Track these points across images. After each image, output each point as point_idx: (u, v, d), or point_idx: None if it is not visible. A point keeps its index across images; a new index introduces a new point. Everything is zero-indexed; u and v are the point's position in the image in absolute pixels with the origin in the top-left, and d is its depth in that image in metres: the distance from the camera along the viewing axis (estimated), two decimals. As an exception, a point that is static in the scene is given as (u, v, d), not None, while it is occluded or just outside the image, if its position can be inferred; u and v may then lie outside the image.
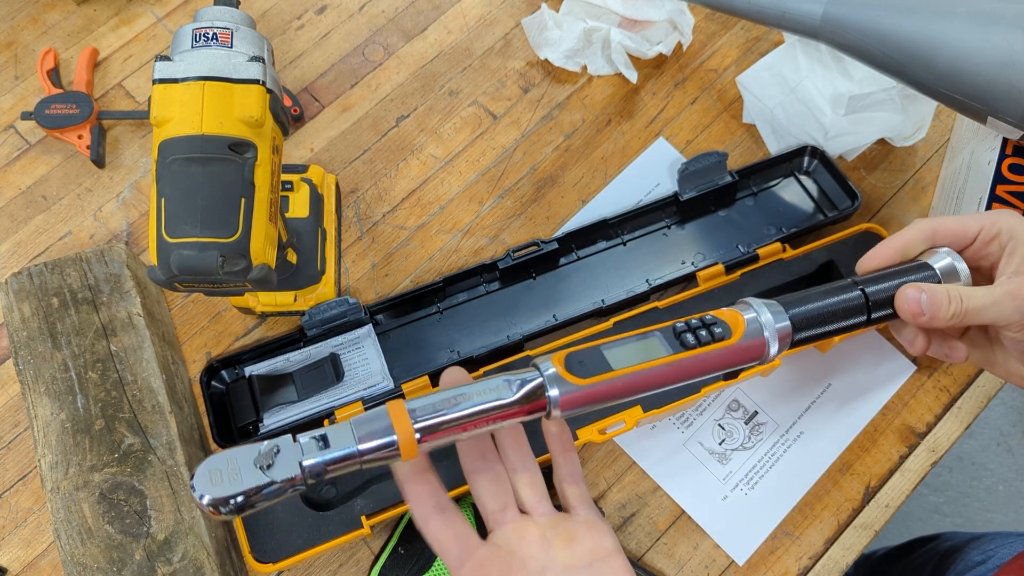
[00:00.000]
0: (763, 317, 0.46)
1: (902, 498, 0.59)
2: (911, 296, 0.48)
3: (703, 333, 0.44)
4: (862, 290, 0.49)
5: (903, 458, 0.60)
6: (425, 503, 0.44)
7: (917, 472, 0.60)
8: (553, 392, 0.42)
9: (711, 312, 0.46)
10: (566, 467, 0.48)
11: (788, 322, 0.46)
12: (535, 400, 0.42)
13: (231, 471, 0.38)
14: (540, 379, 0.42)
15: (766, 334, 0.46)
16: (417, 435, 0.40)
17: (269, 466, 0.38)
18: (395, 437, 0.39)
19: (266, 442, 0.39)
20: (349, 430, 0.39)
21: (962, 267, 0.49)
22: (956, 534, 0.76)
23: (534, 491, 0.46)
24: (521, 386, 0.41)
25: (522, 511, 0.46)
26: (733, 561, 0.58)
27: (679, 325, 0.45)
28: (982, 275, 0.51)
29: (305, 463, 0.38)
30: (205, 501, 0.37)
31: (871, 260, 0.51)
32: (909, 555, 0.80)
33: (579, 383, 0.42)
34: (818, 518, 0.59)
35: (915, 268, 0.50)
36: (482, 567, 0.43)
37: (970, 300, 0.47)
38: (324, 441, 0.39)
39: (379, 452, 0.39)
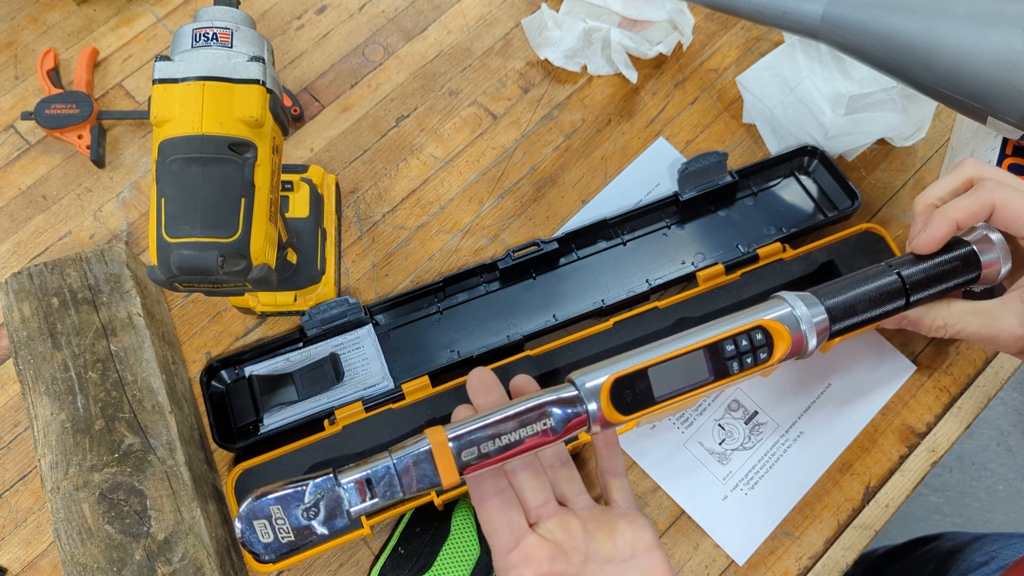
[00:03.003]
0: (800, 313, 0.45)
1: (902, 498, 0.59)
2: (891, 320, 0.51)
3: (748, 360, 0.44)
4: (898, 273, 0.48)
5: (903, 458, 0.60)
6: (486, 485, 0.44)
7: (917, 472, 0.60)
8: (596, 428, 0.43)
9: (760, 322, 0.45)
10: (609, 460, 0.48)
11: (825, 316, 0.46)
12: (576, 426, 0.43)
13: (278, 520, 0.39)
14: (585, 414, 0.42)
15: (804, 328, 0.45)
16: (460, 471, 0.41)
17: (316, 513, 0.39)
18: (442, 483, 0.40)
19: (310, 487, 0.39)
20: (394, 474, 0.40)
21: (996, 237, 0.49)
22: (958, 534, 0.76)
23: (573, 485, 0.47)
24: (567, 421, 0.42)
25: (563, 505, 0.46)
26: (733, 561, 0.58)
27: (727, 348, 0.44)
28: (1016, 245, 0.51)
29: (353, 512, 0.40)
30: (265, 558, 0.39)
31: (923, 201, 0.51)
32: (910, 554, 0.80)
33: (621, 419, 0.43)
34: (818, 518, 0.59)
35: (953, 244, 0.50)
36: (528, 556, 0.44)
37: (958, 335, 0.50)
38: (369, 486, 0.40)
39: (422, 492, 0.41)
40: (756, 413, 0.61)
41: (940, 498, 1.42)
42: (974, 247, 0.50)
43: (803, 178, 0.68)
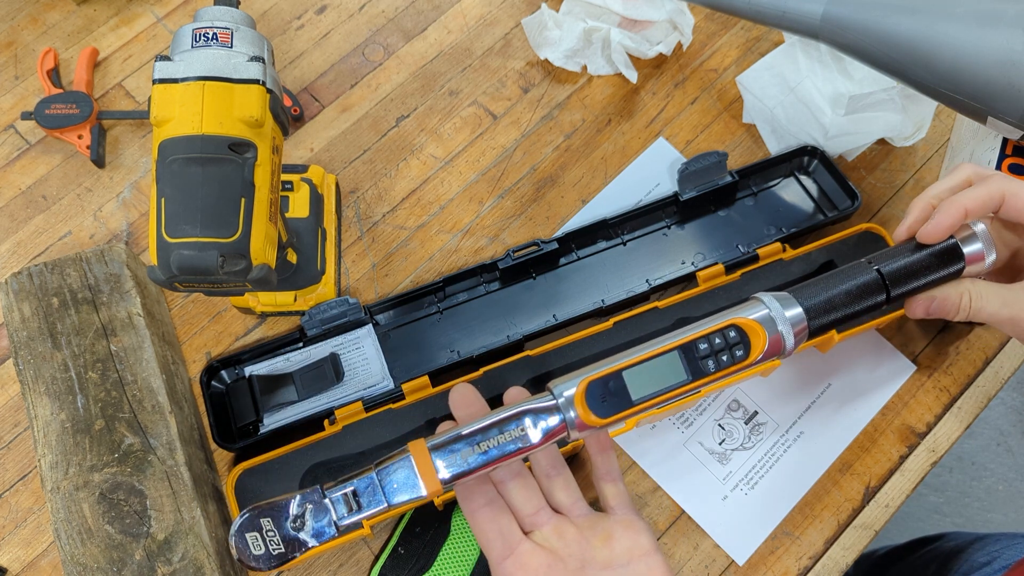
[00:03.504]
0: (776, 313, 0.45)
1: (902, 498, 0.59)
2: (919, 307, 0.49)
3: (724, 358, 0.44)
4: (877, 270, 0.48)
5: (903, 458, 0.60)
6: (474, 496, 0.45)
7: (917, 472, 0.60)
8: (575, 433, 0.43)
9: (733, 320, 0.45)
10: (603, 466, 0.48)
11: (803, 314, 0.46)
12: (556, 433, 0.43)
13: (268, 532, 0.41)
14: (563, 422, 0.43)
15: (781, 329, 0.45)
16: (442, 481, 0.41)
17: (304, 524, 0.41)
18: (424, 493, 0.41)
19: (297, 500, 0.41)
20: (378, 487, 0.41)
21: (986, 247, 0.49)
22: (960, 534, 0.76)
23: (569, 493, 0.47)
24: (545, 430, 0.42)
25: (559, 513, 0.46)
26: (733, 561, 0.58)
27: (701, 346, 0.44)
28: (1017, 233, 0.51)
29: (340, 524, 0.41)
30: (254, 566, 0.41)
31: (921, 202, 0.50)
32: (912, 554, 0.80)
33: (599, 423, 0.43)
34: (818, 518, 0.59)
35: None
36: (523, 564, 0.44)
37: (979, 312, 0.48)
38: (354, 498, 0.41)
39: (407, 502, 0.42)
40: (756, 413, 0.61)
41: (940, 498, 1.42)
42: (956, 240, 0.49)
43: (803, 178, 0.68)
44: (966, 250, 0.49)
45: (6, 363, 0.64)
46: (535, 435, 0.42)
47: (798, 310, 0.46)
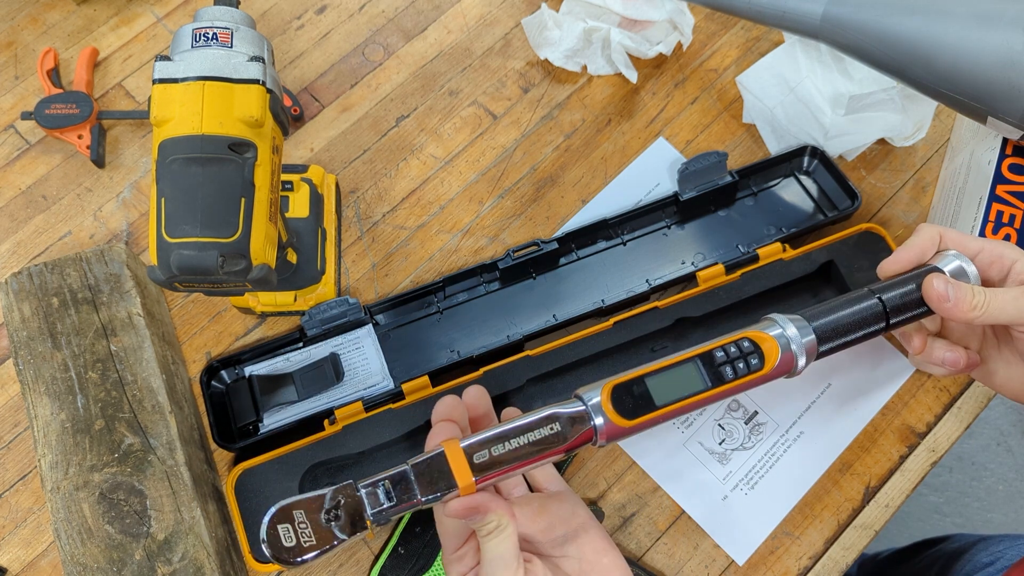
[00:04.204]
0: (790, 333, 0.48)
1: (902, 498, 0.59)
2: (938, 285, 0.49)
3: (740, 366, 0.46)
4: (879, 298, 0.50)
5: (903, 458, 0.60)
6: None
7: (917, 472, 0.60)
8: (603, 441, 0.44)
9: (747, 334, 0.47)
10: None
11: (814, 336, 0.48)
12: (583, 436, 0.44)
13: (301, 524, 0.41)
14: (591, 426, 0.44)
15: (794, 348, 0.47)
16: (475, 481, 0.42)
17: (336, 517, 0.41)
18: (457, 491, 0.42)
19: (329, 493, 0.41)
20: (412, 480, 0.42)
21: (971, 269, 0.50)
22: (964, 536, 0.76)
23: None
24: (574, 433, 0.44)
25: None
26: (733, 561, 0.58)
27: (718, 355, 0.46)
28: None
29: (373, 519, 0.41)
30: (284, 557, 0.40)
31: (892, 265, 0.52)
32: (915, 557, 0.80)
33: (626, 424, 0.44)
34: (818, 518, 0.59)
35: (926, 272, 0.50)
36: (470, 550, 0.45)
37: (993, 295, 0.48)
38: (387, 493, 0.41)
39: (438, 498, 0.42)
40: (756, 413, 0.61)
41: (940, 498, 1.42)
42: (943, 269, 0.51)
43: (803, 178, 0.68)
44: (947, 269, 0.51)
45: (6, 363, 0.64)
46: (564, 438, 0.43)
47: (809, 332, 0.48)
